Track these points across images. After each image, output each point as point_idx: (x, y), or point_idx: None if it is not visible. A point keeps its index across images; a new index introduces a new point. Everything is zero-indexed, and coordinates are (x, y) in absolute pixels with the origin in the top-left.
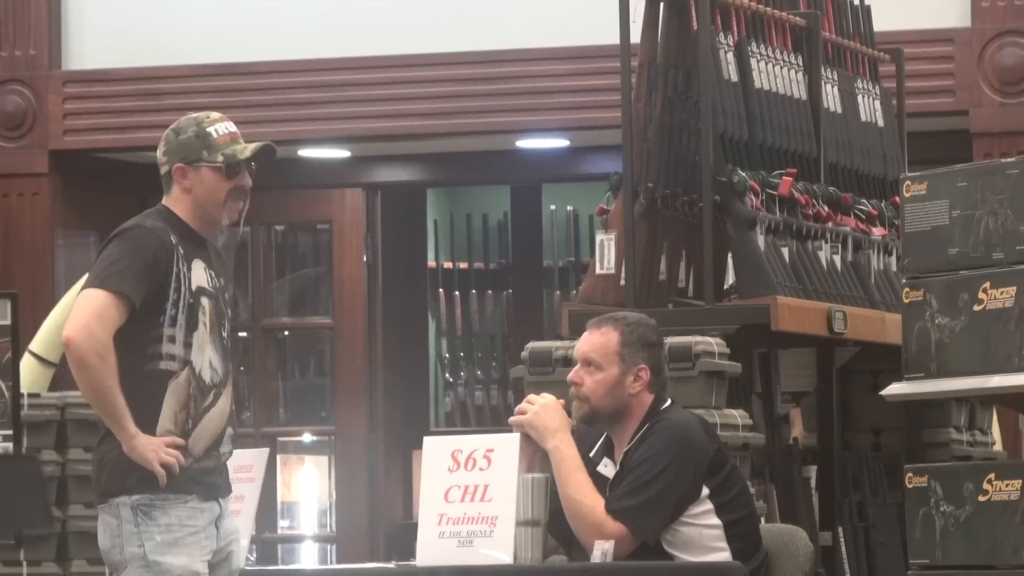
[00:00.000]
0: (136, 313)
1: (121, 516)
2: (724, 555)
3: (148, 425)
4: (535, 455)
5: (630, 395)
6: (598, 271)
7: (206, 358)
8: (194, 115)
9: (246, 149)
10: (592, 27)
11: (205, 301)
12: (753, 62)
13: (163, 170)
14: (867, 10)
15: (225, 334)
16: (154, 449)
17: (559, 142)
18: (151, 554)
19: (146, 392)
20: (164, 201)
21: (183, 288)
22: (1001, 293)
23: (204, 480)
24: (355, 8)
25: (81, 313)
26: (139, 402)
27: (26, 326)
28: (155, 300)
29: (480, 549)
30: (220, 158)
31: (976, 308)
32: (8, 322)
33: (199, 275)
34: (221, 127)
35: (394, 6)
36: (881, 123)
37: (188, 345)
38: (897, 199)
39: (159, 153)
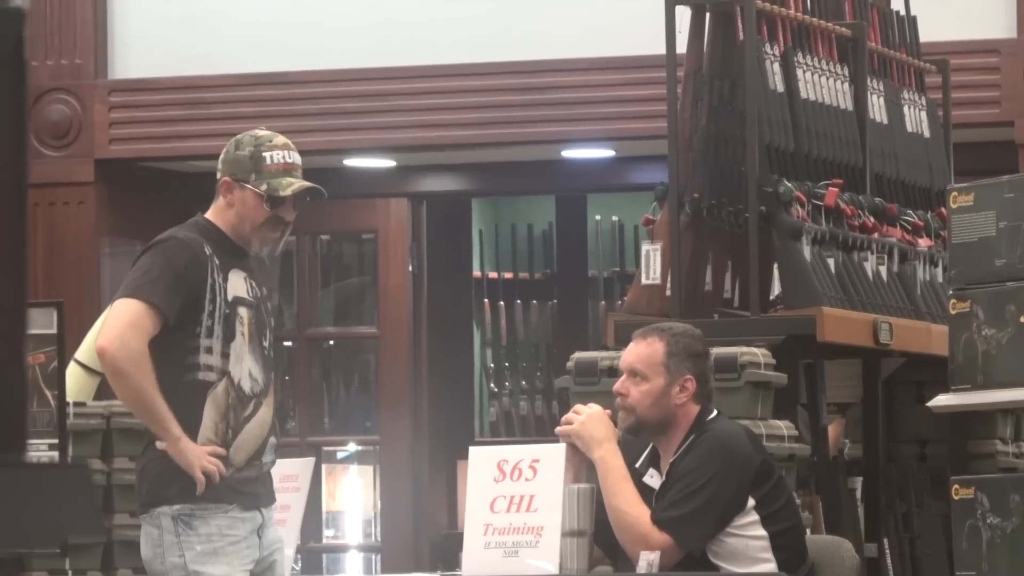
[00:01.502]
0: (170, 324)
1: (162, 526)
2: (770, 566)
3: (189, 436)
4: (581, 465)
5: (676, 405)
6: (643, 281)
7: (245, 368)
8: (260, 133)
9: (290, 186)
10: (638, 37)
11: (243, 311)
12: (799, 72)
13: (218, 176)
14: (913, 21)
15: (267, 344)
16: (198, 455)
17: (604, 152)
18: (192, 564)
19: (185, 403)
20: (210, 209)
21: (218, 299)
22: None
23: (245, 490)
24: (400, 18)
25: (114, 322)
26: (178, 413)
27: (71, 335)
28: (190, 311)
29: (526, 559)
30: (264, 187)
31: (1023, 319)
32: (54, 331)
33: (237, 285)
34: (278, 155)
35: (440, 16)
36: (927, 134)
37: (226, 356)
38: (943, 210)
39: (219, 159)
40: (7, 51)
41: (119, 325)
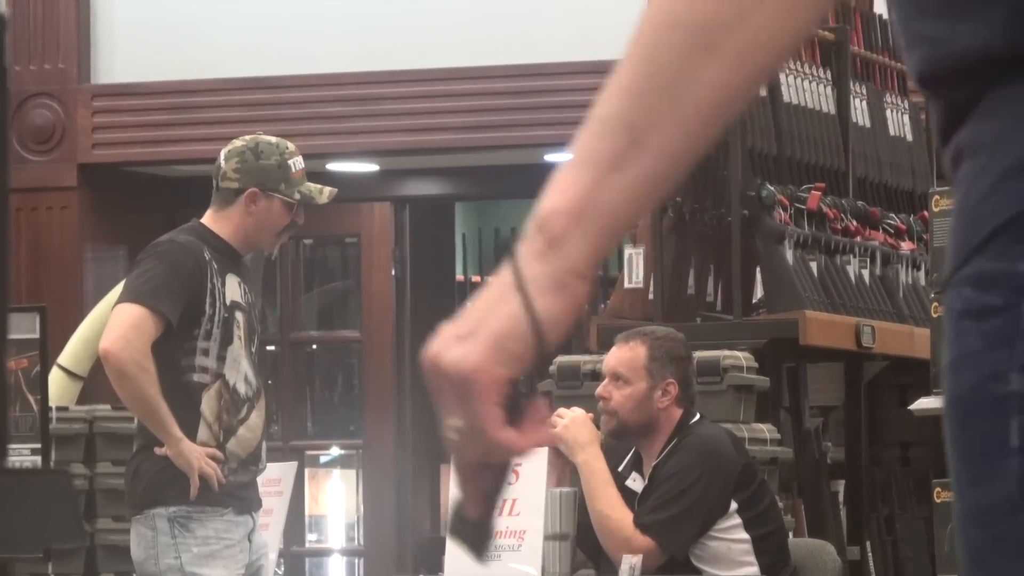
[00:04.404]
0: (172, 329)
1: (157, 527)
2: (752, 569)
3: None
4: (564, 469)
5: (658, 409)
6: (626, 285)
7: (242, 372)
8: (273, 141)
9: (322, 194)
10: (620, 40)
11: (239, 315)
12: (782, 77)
13: (228, 185)
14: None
15: (254, 349)
16: (197, 457)
17: None
18: (188, 566)
19: (179, 404)
20: (208, 215)
21: (218, 303)
22: None
23: (239, 494)
24: (385, 22)
25: (117, 325)
26: (173, 414)
27: (55, 340)
28: (191, 315)
29: (508, 563)
30: (297, 195)
31: None
32: (36, 335)
33: (233, 289)
34: (298, 162)
35: (423, 20)
36: (910, 137)
37: (221, 359)
38: (926, 213)
39: (227, 168)
40: None
41: (122, 327)
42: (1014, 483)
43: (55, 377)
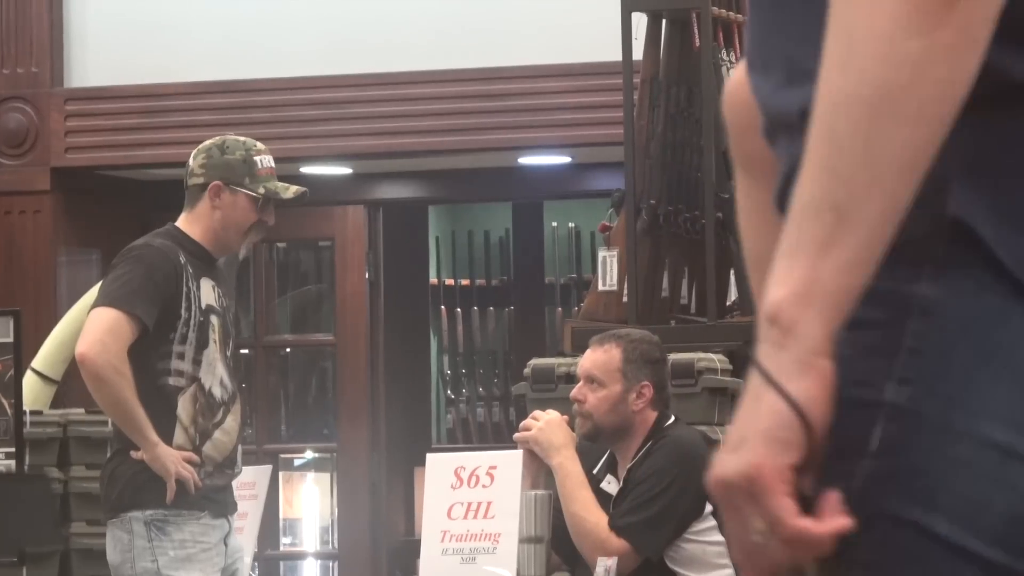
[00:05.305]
0: (148, 333)
1: (133, 531)
2: (727, 572)
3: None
4: (539, 472)
5: (633, 412)
6: (600, 288)
7: (217, 375)
8: (240, 139)
9: (288, 190)
10: (594, 44)
11: (214, 319)
12: None
13: (194, 182)
14: None
15: (229, 353)
16: (174, 461)
17: (561, 159)
18: (165, 569)
19: (155, 408)
20: (182, 218)
21: (193, 307)
22: None
23: (216, 497)
24: (357, 25)
25: (94, 329)
26: (149, 418)
27: (28, 343)
28: (166, 319)
29: (483, 566)
30: (262, 190)
31: None
32: (10, 339)
33: (207, 293)
34: (265, 160)
35: (396, 23)
36: None
37: (197, 362)
38: None
39: (194, 165)
40: None
41: (98, 331)
42: (859, 482)
43: (29, 381)
